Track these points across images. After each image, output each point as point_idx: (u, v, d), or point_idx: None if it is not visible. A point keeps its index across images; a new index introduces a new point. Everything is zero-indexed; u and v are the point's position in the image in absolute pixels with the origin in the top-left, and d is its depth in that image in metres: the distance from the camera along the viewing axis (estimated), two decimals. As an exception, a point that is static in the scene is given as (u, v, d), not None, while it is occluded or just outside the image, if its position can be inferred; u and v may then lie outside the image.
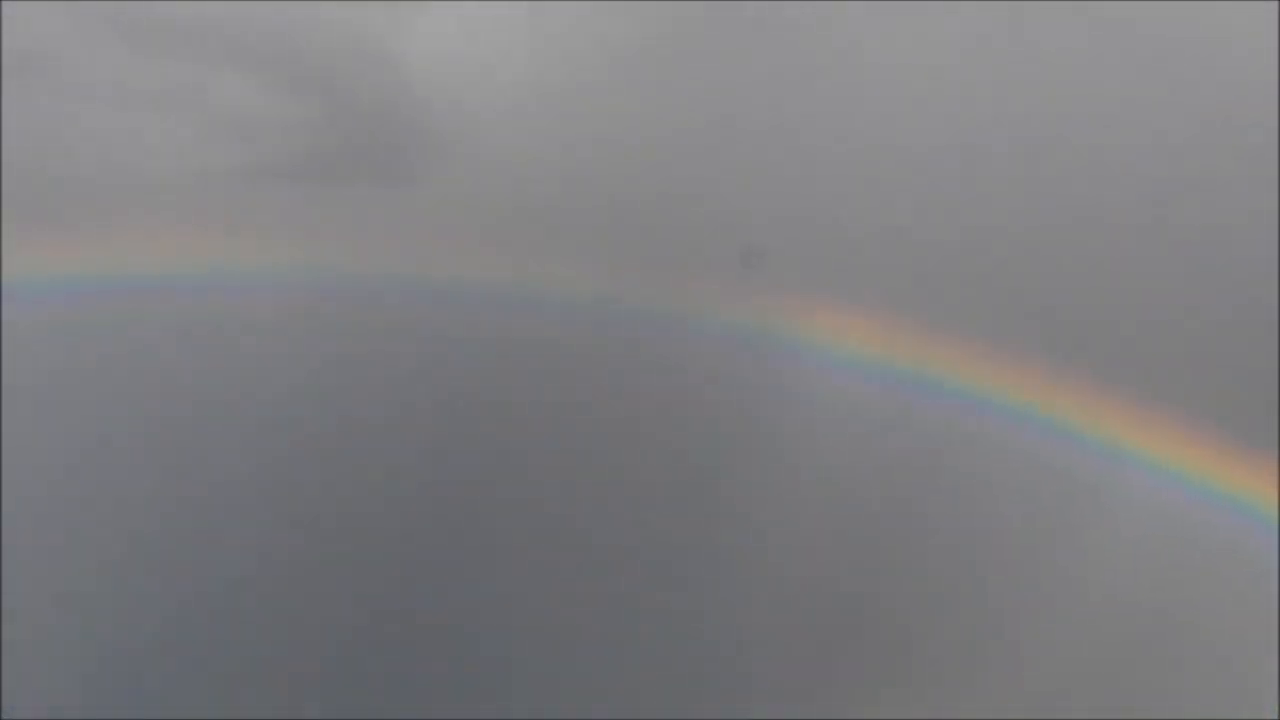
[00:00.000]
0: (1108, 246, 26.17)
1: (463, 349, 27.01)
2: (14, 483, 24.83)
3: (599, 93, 27.55)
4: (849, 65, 26.76)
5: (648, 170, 27.49)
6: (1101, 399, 26.32)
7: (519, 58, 27.41)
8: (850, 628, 26.25)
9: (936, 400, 26.17)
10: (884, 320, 26.31)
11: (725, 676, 26.03)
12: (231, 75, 27.97)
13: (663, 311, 27.01)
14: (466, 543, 26.20)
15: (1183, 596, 25.61)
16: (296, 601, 25.74)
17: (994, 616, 26.15)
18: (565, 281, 27.32)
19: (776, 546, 26.19)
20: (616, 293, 27.30)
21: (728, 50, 27.48)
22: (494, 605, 25.59)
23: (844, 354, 26.23)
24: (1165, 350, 25.99)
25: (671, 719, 25.73)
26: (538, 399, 26.62)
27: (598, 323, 27.00)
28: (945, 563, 26.23)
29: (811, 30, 26.97)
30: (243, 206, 27.72)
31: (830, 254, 26.73)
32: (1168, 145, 26.10)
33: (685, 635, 25.70)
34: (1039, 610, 25.84)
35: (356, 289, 27.24)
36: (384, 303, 27.17)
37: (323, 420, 26.72)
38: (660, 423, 26.67)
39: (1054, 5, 26.97)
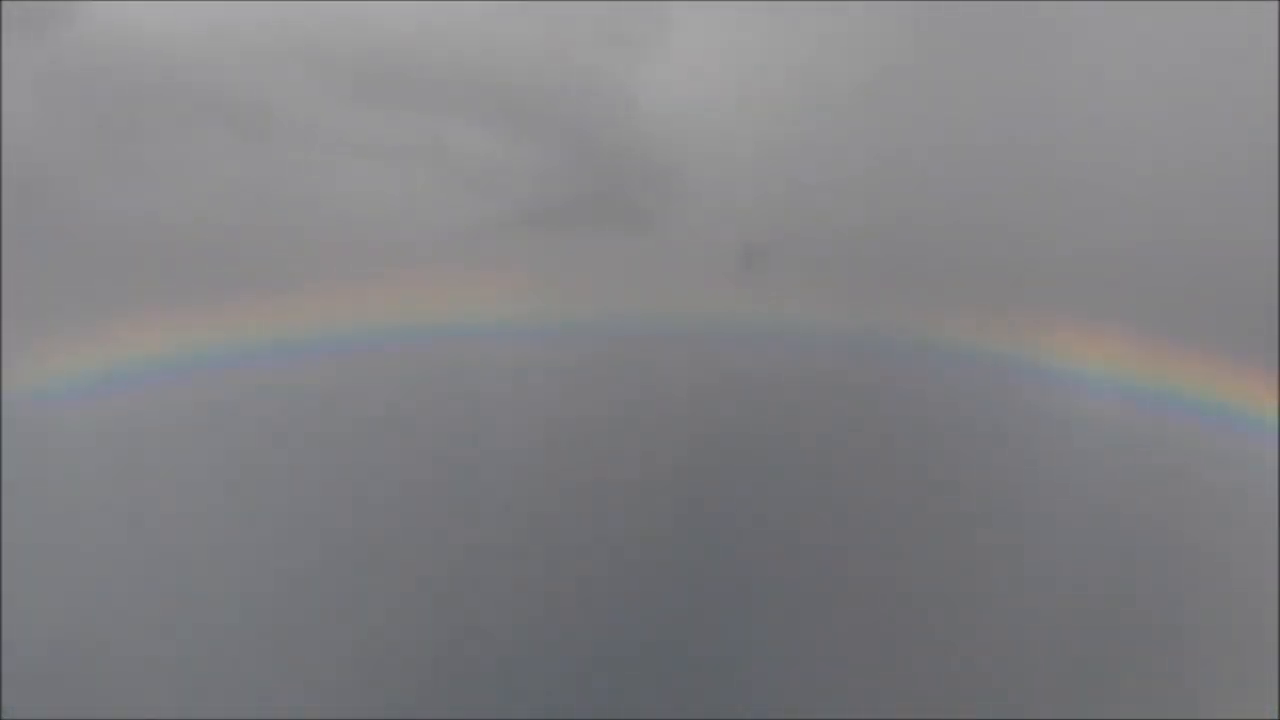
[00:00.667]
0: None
1: (711, 386, 27.35)
2: (325, 522, 25.10)
3: (834, 132, 28.05)
4: (1084, 91, 27.34)
5: (880, 202, 27.98)
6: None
7: (755, 100, 27.90)
8: (1109, 639, 26.54)
9: (1188, 416, 26.57)
10: (1132, 339, 26.74)
11: (996, 682, 26.36)
12: (471, 127, 28.41)
13: (910, 340, 27.40)
14: (731, 571, 26.47)
15: None
16: (585, 624, 26.00)
17: (1252, 626, 26.44)
18: (806, 316, 27.70)
19: (1039, 563, 26.51)
20: (857, 325, 27.69)
21: (960, 80, 28.03)
22: (771, 627, 25.87)
23: (1096, 374, 26.63)
24: None
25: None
26: (790, 431, 26.95)
27: (844, 354, 27.37)
28: (1202, 576, 26.56)
29: (1046, 55, 27.57)
30: (485, 257, 28.08)
31: (1070, 274, 27.18)
32: None
33: (961, 649, 26.00)
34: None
35: (601, 333, 27.58)
36: (629, 345, 27.50)
37: (579, 461, 27.01)
38: (913, 448, 27.02)
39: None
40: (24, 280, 28.15)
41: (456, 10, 27.93)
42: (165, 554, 26.10)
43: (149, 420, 26.96)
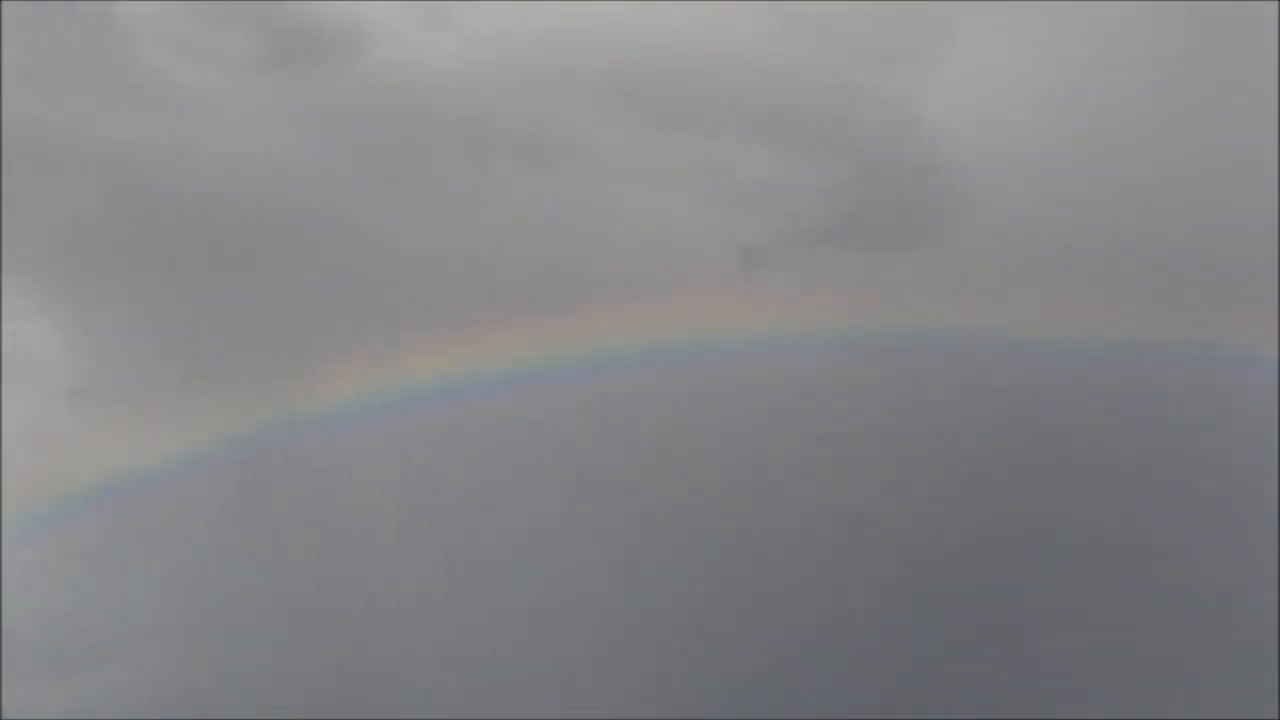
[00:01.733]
0: None
1: (1003, 397, 27.07)
2: (618, 533, 25.32)
3: (1120, 141, 27.69)
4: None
5: (1171, 207, 27.53)
6: None
7: (1039, 112, 27.65)
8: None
9: None
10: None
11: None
12: (752, 147, 28.48)
13: (1196, 348, 26.94)
14: (1035, 577, 26.20)
15: None
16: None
17: None
18: (1098, 327, 27.33)
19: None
20: (1145, 334, 27.26)
21: (1244, 80, 27.56)
22: (1083, 633, 25.65)
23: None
24: None
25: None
26: (1092, 442, 26.60)
27: (1133, 363, 26.96)
28: None
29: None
30: (770, 276, 28.09)
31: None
32: None
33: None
34: None
35: (890, 348, 27.45)
36: (918, 359, 27.34)
37: (873, 472, 26.89)
38: (1201, 451, 26.54)
39: None
40: (316, 311, 28.77)
41: (735, 33, 28.09)
42: (460, 565, 26.48)
43: (438, 440, 27.38)
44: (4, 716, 25.23)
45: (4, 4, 31.55)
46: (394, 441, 26.81)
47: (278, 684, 26.79)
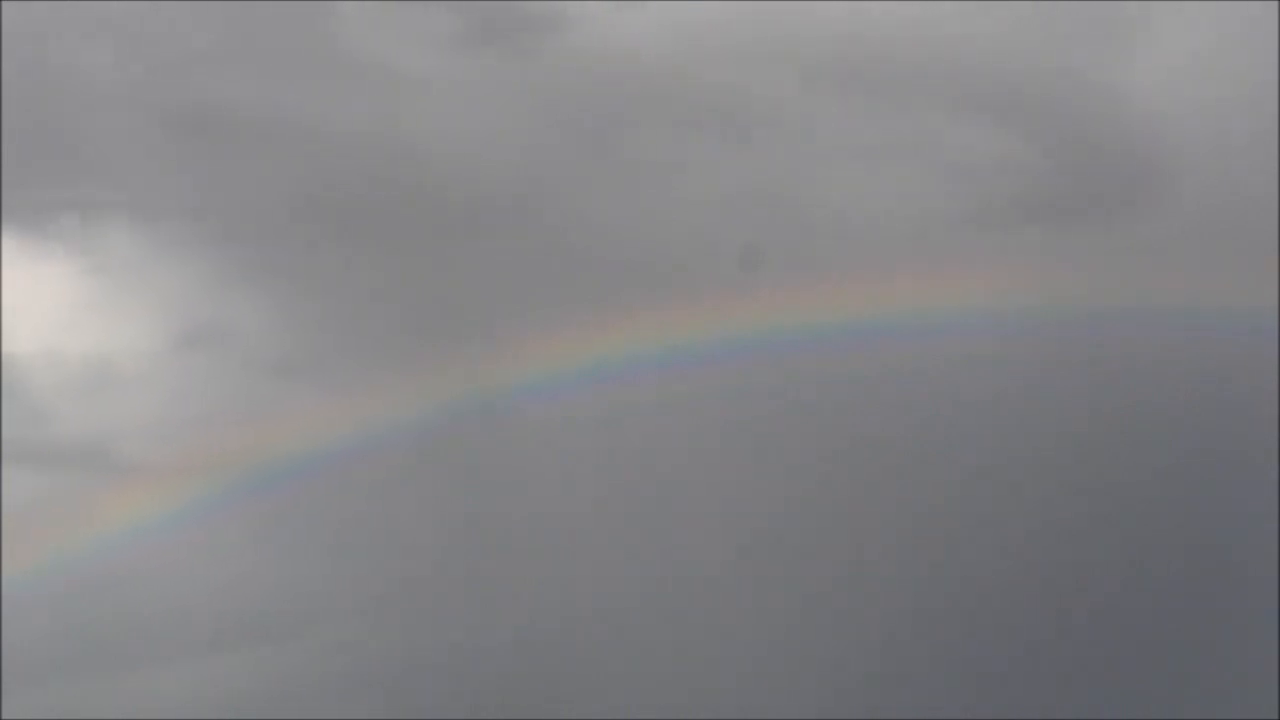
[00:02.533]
0: None
1: (1209, 370, 26.27)
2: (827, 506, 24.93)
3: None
4: None
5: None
6: None
7: (1244, 92, 26.92)
8: None
9: None
10: None
11: None
12: (961, 122, 27.94)
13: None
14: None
15: None
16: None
17: None
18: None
19: None
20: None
21: None
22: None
23: None
24: None
25: None
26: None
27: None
28: None
29: None
30: (979, 250, 27.54)
31: None
32: None
33: None
34: None
35: (1094, 322, 26.76)
36: (1120, 333, 26.61)
37: (1083, 450, 26.21)
38: None
39: None
40: (518, 285, 28.74)
41: (940, 7, 27.68)
42: (654, 537, 26.26)
43: (635, 412, 27.21)
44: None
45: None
46: (592, 413, 26.68)
47: (473, 654, 26.75)
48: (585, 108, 29.61)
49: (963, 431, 26.13)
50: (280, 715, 30.47)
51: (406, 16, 30.76)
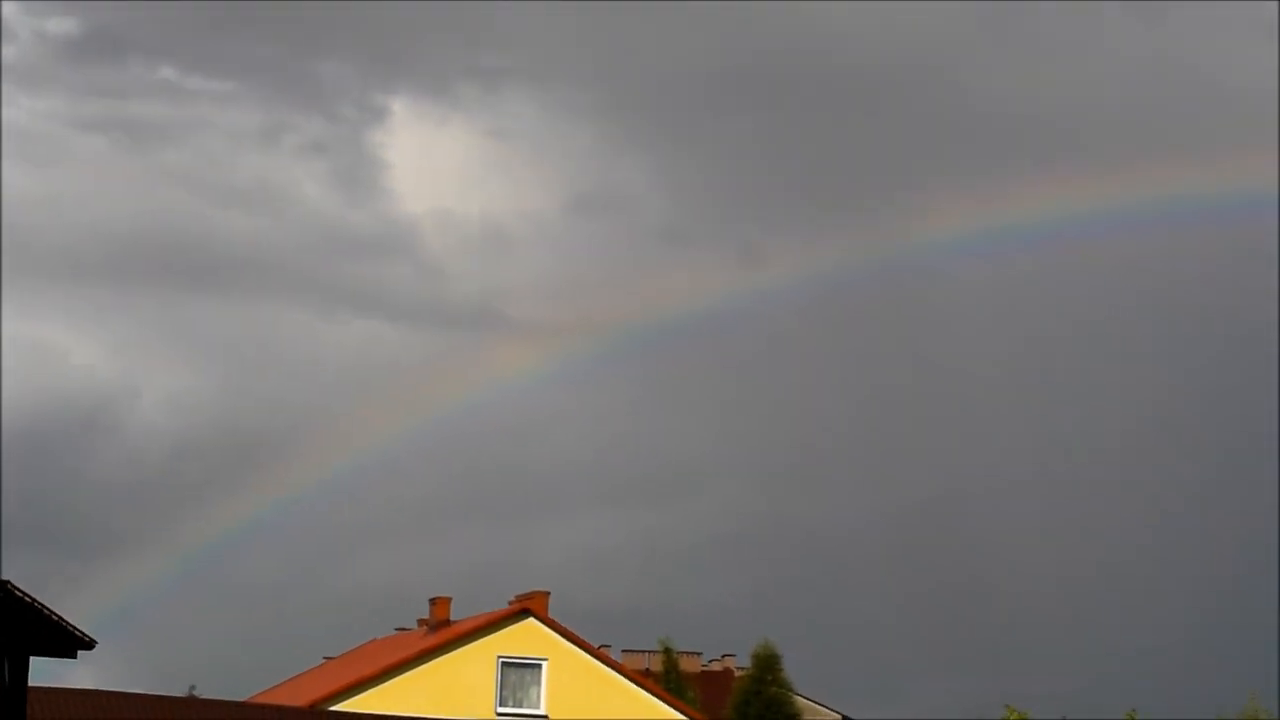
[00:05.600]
0: None
1: None
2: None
3: None
4: None
5: None
6: None
7: None
8: None
9: None
10: None
11: None
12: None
13: None
14: None
15: None
16: None
17: None
18: None
19: None
20: None
21: None
22: None
23: None
24: None
25: None
26: None
27: None
28: None
29: None
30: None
31: None
32: None
33: None
34: None
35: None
36: None
37: None
38: None
39: None
40: (912, 154, 28.59)
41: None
42: (1051, 401, 25.89)
43: (1030, 278, 26.83)
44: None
45: None
46: (990, 278, 26.54)
47: (868, 515, 27.06)
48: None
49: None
50: (657, 572, 31.41)
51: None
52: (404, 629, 43.15)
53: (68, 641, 17.06)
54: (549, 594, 36.98)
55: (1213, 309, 28.12)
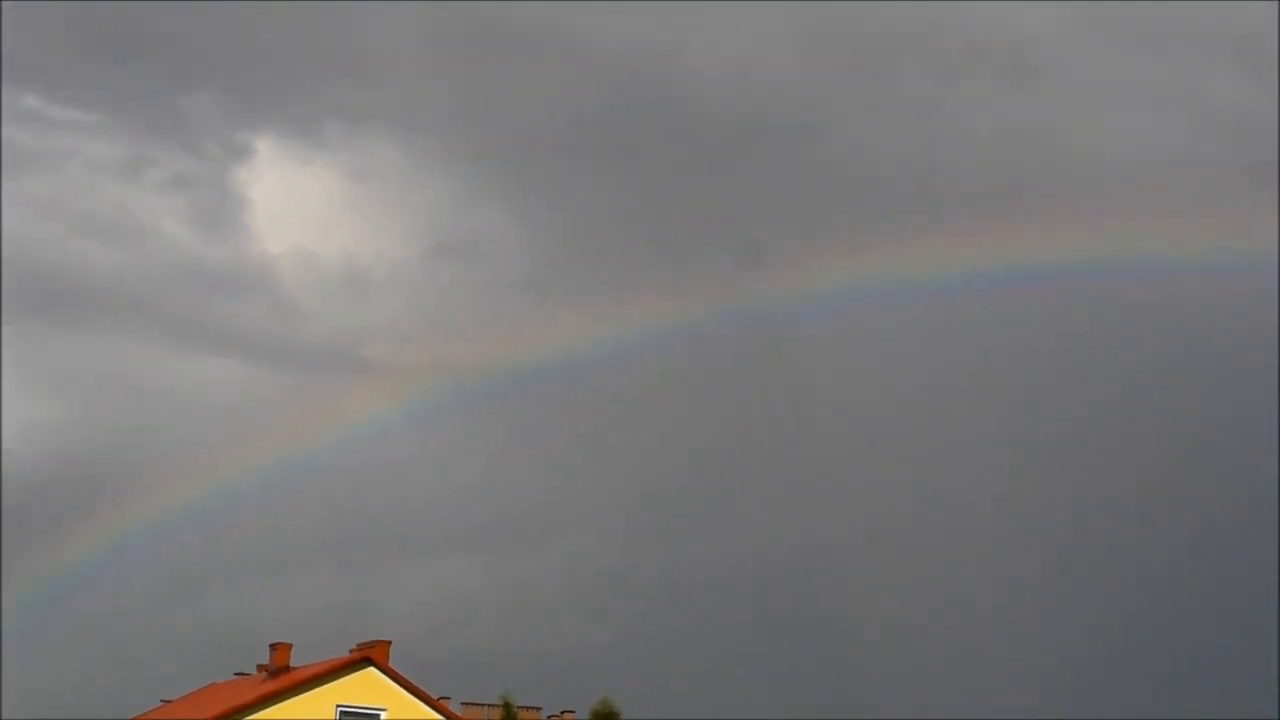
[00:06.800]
0: None
1: None
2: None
3: None
4: None
5: None
6: None
7: None
8: None
9: None
10: None
11: None
12: (1227, 75, 27.28)
13: None
14: None
15: None
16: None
17: None
18: None
19: None
20: None
21: None
22: None
23: None
24: None
25: None
26: None
27: None
28: None
29: None
30: (1230, 198, 27.12)
31: None
32: None
33: None
34: None
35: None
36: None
37: None
38: None
39: None
40: (774, 210, 28.75)
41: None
42: (923, 454, 26.10)
43: (892, 335, 27.03)
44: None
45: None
46: (846, 333, 26.69)
47: (722, 567, 27.03)
48: (855, 45, 29.53)
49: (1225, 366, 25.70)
50: (507, 622, 31.18)
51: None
52: (243, 674, 42.65)
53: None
54: (390, 643, 36.80)
55: (1065, 367, 28.57)
